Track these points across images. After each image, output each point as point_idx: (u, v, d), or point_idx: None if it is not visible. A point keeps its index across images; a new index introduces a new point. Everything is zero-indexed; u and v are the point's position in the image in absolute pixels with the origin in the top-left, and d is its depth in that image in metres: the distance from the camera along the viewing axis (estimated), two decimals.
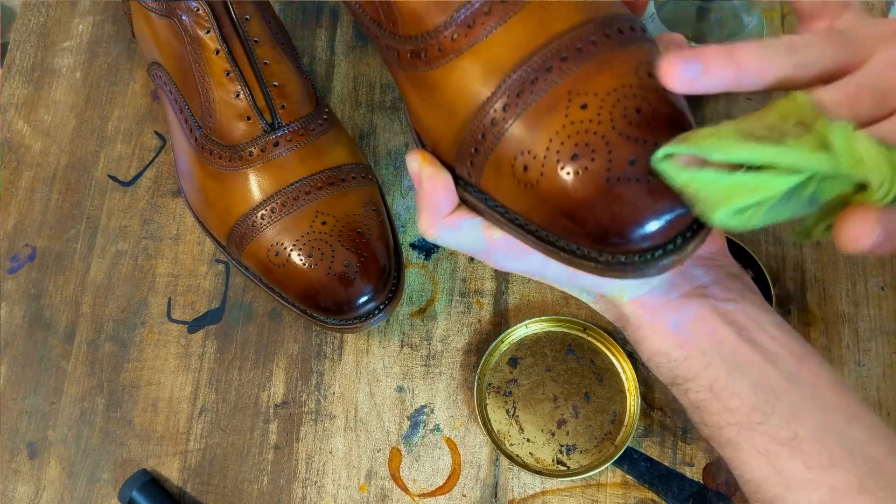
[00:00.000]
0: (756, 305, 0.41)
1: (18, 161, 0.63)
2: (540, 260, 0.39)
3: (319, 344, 0.57)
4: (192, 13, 0.52)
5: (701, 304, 0.40)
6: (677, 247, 0.34)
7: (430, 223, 0.39)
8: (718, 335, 0.39)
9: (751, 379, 0.38)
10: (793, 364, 0.39)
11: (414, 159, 0.39)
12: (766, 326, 0.40)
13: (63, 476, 0.54)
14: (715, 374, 0.39)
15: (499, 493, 0.53)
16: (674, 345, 0.40)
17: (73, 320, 0.58)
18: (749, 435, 0.38)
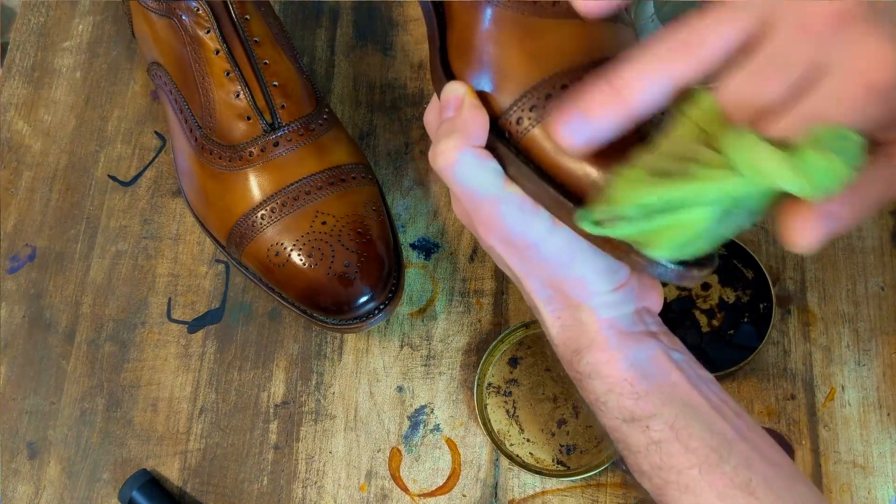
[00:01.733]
0: (695, 361, 0.41)
1: (18, 161, 0.63)
2: (544, 230, 0.38)
3: (319, 344, 0.57)
4: (192, 13, 0.52)
5: (656, 346, 0.40)
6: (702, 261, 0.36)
7: (457, 146, 0.37)
8: (672, 377, 0.39)
9: (706, 423, 0.38)
10: (734, 417, 0.39)
11: (459, 86, 0.39)
12: (709, 382, 0.40)
13: (63, 476, 0.54)
14: (675, 412, 0.38)
15: (499, 493, 0.53)
16: (638, 375, 0.39)
17: (73, 320, 0.58)
18: (710, 477, 0.37)
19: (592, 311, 0.40)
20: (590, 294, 0.40)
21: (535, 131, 0.37)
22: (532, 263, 0.40)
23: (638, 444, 0.39)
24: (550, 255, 0.39)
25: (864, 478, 0.51)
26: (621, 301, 0.40)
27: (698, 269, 0.36)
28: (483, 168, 0.38)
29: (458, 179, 0.38)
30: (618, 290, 0.40)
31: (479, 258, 0.58)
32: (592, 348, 0.40)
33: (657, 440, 0.38)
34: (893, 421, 0.53)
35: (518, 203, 0.38)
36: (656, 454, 0.38)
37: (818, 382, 0.54)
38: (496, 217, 0.39)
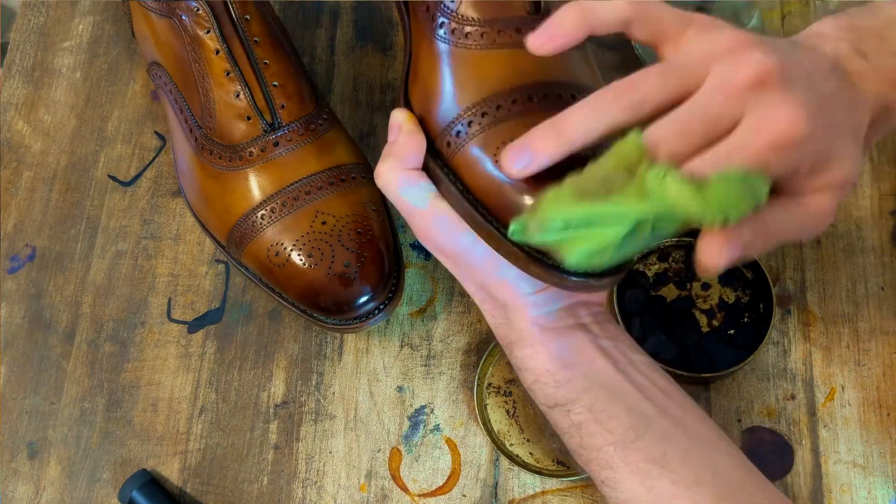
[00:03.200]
0: (629, 346, 0.44)
1: (18, 161, 0.63)
2: (470, 241, 0.43)
3: (319, 344, 0.57)
4: (192, 13, 0.52)
5: (583, 336, 0.44)
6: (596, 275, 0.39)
7: (391, 168, 0.43)
8: (597, 364, 0.43)
9: (626, 404, 0.41)
10: (661, 396, 0.42)
11: (401, 113, 0.44)
12: (638, 364, 0.43)
13: (63, 476, 0.54)
14: (595, 396, 0.42)
15: (499, 493, 0.53)
16: (559, 366, 0.43)
17: (73, 320, 0.58)
18: (625, 454, 0.40)
19: (520, 309, 0.44)
20: (516, 295, 0.43)
21: (460, 153, 0.42)
22: (464, 269, 0.45)
23: (563, 426, 0.43)
24: (477, 262, 0.44)
25: (864, 478, 0.51)
26: (546, 300, 0.44)
27: (596, 279, 0.39)
28: (413, 187, 0.43)
29: (392, 197, 0.44)
30: (539, 292, 0.43)
31: None
32: (520, 343, 0.44)
33: (577, 422, 0.42)
34: (893, 421, 0.53)
35: (444, 218, 0.43)
36: (577, 435, 0.42)
37: (818, 382, 0.54)
38: (428, 228, 0.44)
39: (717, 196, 0.34)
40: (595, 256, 0.36)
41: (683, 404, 0.43)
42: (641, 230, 0.36)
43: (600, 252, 0.36)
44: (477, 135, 0.41)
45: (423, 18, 0.45)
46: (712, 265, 0.36)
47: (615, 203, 0.35)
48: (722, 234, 0.35)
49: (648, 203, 0.35)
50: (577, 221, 0.36)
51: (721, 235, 0.35)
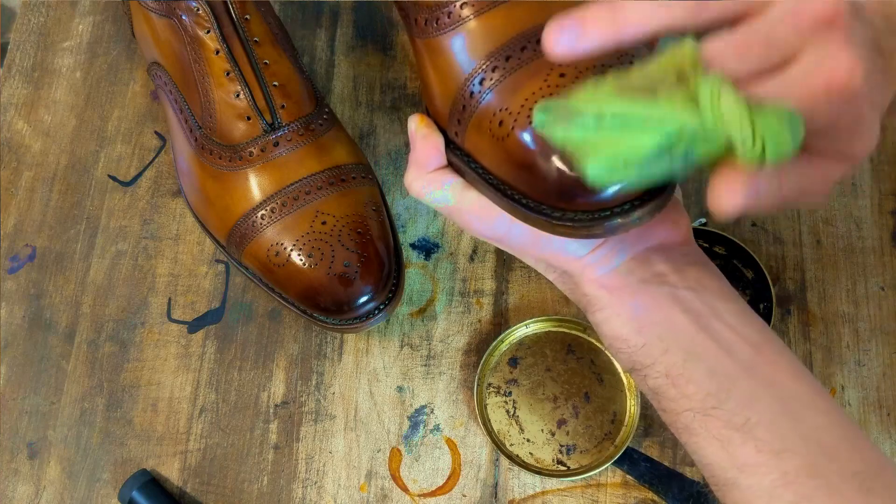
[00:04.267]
0: (714, 294, 0.41)
1: (18, 161, 0.63)
2: (506, 223, 0.42)
3: (319, 344, 0.57)
4: (192, 13, 0.52)
5: (659, 291, 0.41)
6: (623, 211, 0.37)
7: (416, 176, 0.43)
8: (675, 322, 0.40)
9: (707, 366, 0.39)
10: (749, 353, 0.39)
11: (413, 120, 0.44)
12: (724, 315, 0.40)
13: (63, 476, 0.54)
14: (672, 360, 0.39)
15: (499, 493, 0.53)
16: (633, 330, 0.41)
17: (73, 320, 0.58)
18: (704, 420, 0.38)
19: (581, 272, 0.42)
20: (573, 260, 0.42)
21: (466, 136, 0.42)
22: (515, 249, 0.44)
23: (643, 389, 0.42)
24: (522, 240, 0.43)
25: None
26: (608, 257, 0.41)
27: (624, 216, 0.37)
28: (435, 190, 0.43)
29: (425, 201, 0.44)
30: (595, 250, 0.42)
31: (479, 258, 0.58)
32: (590, 308, 0.42)
33: (654, 388, 0.40)
34: (893, 421, 0.53)
35: (477, 207, 0.42)
36: (656, 399, 0.41)
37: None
38: (465, 222, 0.44)
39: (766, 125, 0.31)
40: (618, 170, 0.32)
41: (776, 358, 0.40)
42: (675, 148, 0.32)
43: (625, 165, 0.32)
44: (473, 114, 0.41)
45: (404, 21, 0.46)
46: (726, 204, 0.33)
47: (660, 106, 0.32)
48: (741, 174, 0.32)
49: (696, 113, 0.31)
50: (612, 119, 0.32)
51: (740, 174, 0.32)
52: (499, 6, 0.41)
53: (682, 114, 0.31)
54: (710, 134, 0.32)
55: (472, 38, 0.41)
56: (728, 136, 0.31)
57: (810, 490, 0.36)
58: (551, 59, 0.34)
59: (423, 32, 0.43)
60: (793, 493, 0.36)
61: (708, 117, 0.31)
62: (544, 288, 0.57)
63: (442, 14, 0.42)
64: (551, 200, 0.38)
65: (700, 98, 0.31)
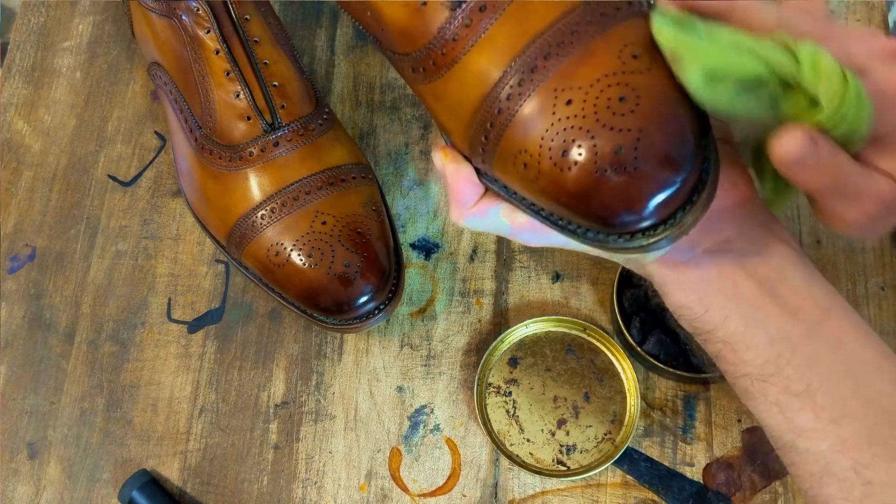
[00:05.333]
0: (782, 257, 0.41)
1: (18, 161, 0.63)
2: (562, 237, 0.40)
3: (319, 344, 0.57)
4: (192, 13, 0.52)
5: (723, 259, 0.40)
6: (677, 221, 0.36)
7: (458, 215, 0.42)
8: (739, 289, 0.40)
9: (768, 332, 0.39)
10: (817, 316, 0.39)
11: (437, 156, 0.41)
12: (790, 279, 0.40)
13: (63, 476, 0.54)
14: (733, 327, 0.40)
15: (499, 493, 0.53)
16: (695, 300, 0.40)
17: (73, 320, 0.58)
18: (762, 386, 0.39)
19: (640, 258, 0.42)
20: None
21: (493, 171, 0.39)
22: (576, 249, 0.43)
23: (709, 352, 0.42)
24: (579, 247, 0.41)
25: None
26: None
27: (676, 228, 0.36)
28: (486, 219, 0.41)
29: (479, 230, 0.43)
30: None
31: (479, 258, 0.58)
32: (654, 284, 0.43)
33: (714, 352, 0.41)
34: None
35: (530, 227, 0.41)
36: (717, 362, 0.41)
37: None
38: (526, 240, 0.42)
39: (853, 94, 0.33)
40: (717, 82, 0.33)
41: (843, 322, 0.39)
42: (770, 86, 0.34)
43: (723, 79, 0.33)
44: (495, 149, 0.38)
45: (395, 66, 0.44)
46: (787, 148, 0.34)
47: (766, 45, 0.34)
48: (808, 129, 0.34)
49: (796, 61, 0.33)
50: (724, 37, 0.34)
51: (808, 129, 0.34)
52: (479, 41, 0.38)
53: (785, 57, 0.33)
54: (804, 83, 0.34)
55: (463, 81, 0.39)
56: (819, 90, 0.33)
57: (868, 457, 0.36)
58: None
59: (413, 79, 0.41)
60: (850, 459, 0.36)
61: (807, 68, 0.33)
62: (544, 288, 0.57)
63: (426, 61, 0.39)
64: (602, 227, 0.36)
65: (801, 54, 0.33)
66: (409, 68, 0.40)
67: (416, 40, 0.39)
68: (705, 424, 0.53)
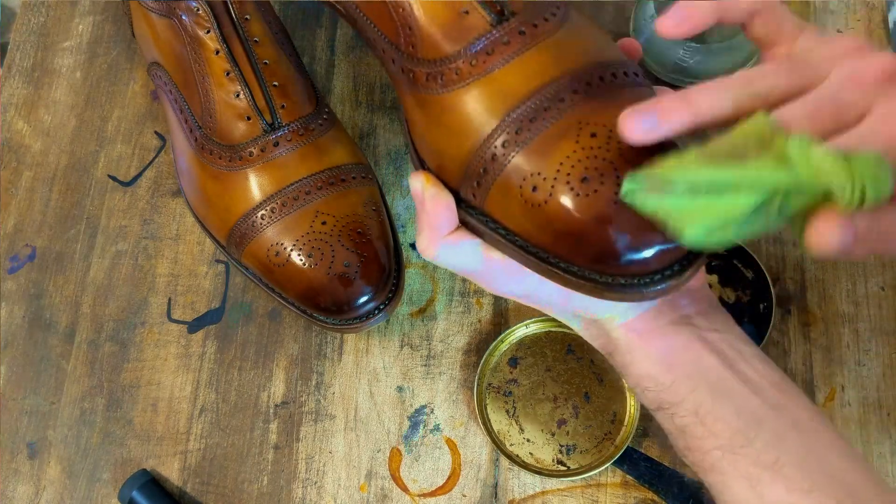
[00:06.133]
0: (738, 337, 0.42)
1: (18, 161, 0.63)
2: (535, 281, 0.40)
3: (319, 344, 0.57)
4: (192, 13, 0.52)
5: (687, 332, 0.41)
6: (675, 272, 0.36)
7: (431, 241, 0.41)
8: (704, 362, 0.41)
9: (735, 405, 0.39)
10: (774, 394, 0.40)
11: (417, 180, 0.41)
12: (748, 357, 0.41)
13: (63, 476, 0.54)
14: (700, 398, 0.40)
15: (499, 493, 0.53)
16: (661, 369, 0.41)
17: (73, 320, 0.58)
18: (732, 458, 0.38)
19: (610, 319, 0.42)
20: (604, 310, 0.42)
21: (487, 200, 0.39)
22: (540, 304, 0.43)
23: (668, 428, 0.42)
24: (549, 297, 0.42)
25: None
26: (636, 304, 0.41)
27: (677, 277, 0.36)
28: (460, 251, 0.41)
29: (445, 265, 0.42)
30: None
31: None
32: (618, 352, 0.42)
33: (681, 426, 0.40)
34: (893, 421, 0.53)
35: (502, 267, 0.41)
36: (682, 438, 0.41)
37: (818, 382, 0.54)
38: (490, 282, 0.42)
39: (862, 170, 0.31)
40: (716, 231, 0.32)
41: (798, 400, 0.40)
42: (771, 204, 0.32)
43: (723, 226, 0.32)
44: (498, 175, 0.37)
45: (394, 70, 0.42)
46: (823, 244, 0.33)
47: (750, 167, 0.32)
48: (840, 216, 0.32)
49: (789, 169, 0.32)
50: (705, 185, 0.32)
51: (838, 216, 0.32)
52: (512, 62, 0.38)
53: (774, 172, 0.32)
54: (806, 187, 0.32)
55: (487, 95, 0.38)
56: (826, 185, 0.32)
57: None
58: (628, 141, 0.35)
59: (425, 88, 0.40)
60: None
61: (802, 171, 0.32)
62: None
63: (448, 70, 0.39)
64: (599, 266, 0.36)
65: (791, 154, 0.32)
66: (425, 76, 0.40)
67: (445, 46, 0.39)
68: None
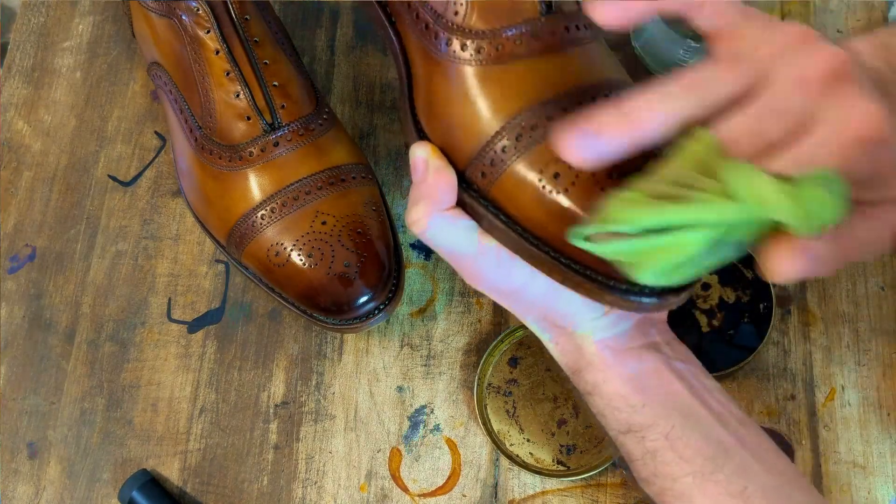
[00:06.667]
0: (701, 370, 0.42)
1: (18, 161, 0.63)
2: (525, 276, 0.40)
3: (319, 344, 0.57)
4: (192, 13, 0.52)
5: (657, 358, 0.41)
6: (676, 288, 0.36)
7: (426, 213, 0.39)
8: (673, 388, 0.40)
9: (703, 432, 0.39)
10: (738, 427, 0.40)
11: (422, 149, 0.40)
12: (712, 390, 0.41)
13: (63, 476, 0.54)
14: (671, 423, 0.39)
15: (499, 493, 0.53)
16: (633, 390, 0.40)
17: (73, 320, 0.58)
18: (703, 485, 0.38)
19: (586, 335, 0.41)
20: (580, 322, 0.41)
21: (498, 183, 0.38)
22: (520, 304, 0.42)
23: (635, 453, 0.41)
24: (535, 296, 0.41)
25: (864, 478, 0.51)
26: (614, 322, 0.41)
27: (675, 294, 0.37)
28: (454, 229, 0.39)
29: (434, 243, 0.40)
30: (608, 313, 0.41)
31: None
32: (590, 368, 0.42)
33: (652, 450, 0.40)
34: (893, 421, 0.53)
35: (494, 256, 0.40)
36: (652, 463, 0.40)
37: (818, 382, 0.54)
38: (477, 270, 0.41)
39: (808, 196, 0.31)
40: (674, 271, 0.33)
41: (760, 437, 0.41)
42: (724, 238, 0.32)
43: (680, 265, 0.32)
44: (516, 159, 0.37)
45: (418, 34, 0.41)
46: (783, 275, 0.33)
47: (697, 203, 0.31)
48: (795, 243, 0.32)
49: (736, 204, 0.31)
50: (654, 225, 0.32)
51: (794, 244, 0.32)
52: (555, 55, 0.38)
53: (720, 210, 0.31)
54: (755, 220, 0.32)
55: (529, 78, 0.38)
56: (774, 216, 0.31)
57: None
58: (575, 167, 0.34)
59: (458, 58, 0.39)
60: None
61: (747, 207, 0.31)
62: None
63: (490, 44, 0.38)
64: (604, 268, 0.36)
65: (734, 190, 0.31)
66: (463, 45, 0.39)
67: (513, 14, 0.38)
68: None
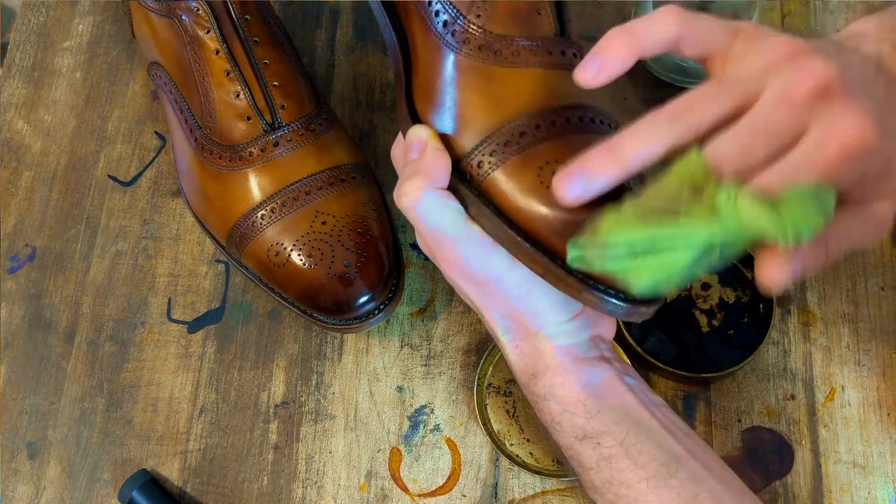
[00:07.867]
0: (648, 388, 0.44)
1: (18, 161, 0.63)
2: (504, 268, 0.41)
3: (319, 344, 0.57)
4: (192, 13, 0.52)
5: (610, 370, 0.43)
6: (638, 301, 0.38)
7: (420, 188, 0.40)
8: (625, 399, 0.42)
9: (655, 441, 0.40)
10: (686, 440, 0.41)
11: (423, 130, 0.41)
12: (659, 406, 0.43)
13: (63, 476, 0.54)
14: (625, 430, 0.40)
15: (499, 493, 0.53)
16: (590, 396, 0.41)
17: (73, 320, 0.58)
18: (658, 491, 0.39)
19: (549, 338, 0.42)
20: (546, 324, 0.42)
21: (494, 175, 0.40)
22: (492, 297, 0.43)
23: (590, 460, 0.41)
24: (509, 289, 0.41)
25: (864, 478, 0.51)
26: (577, 329, 0.42)
27: (646, 305, 0.38)
28: (445, 208, 0.40)
29: (421, 219, 0.40)
30: (574, 319, 0.42)
31: None
32: (548, 372, 0.42)
33: (607, 456, 0.40)
34: (893, 421, 0.53)
35: (478, 241, 0.40)
36: (607, 469, 0.40)
37: (818, 382, 0.54)
38: (458, 254, 0.41)
39: (790, 213, 0.32)
40: (662, 283, 0.34)
41: (707, 450, 0.42)
42: (711, 253, 0.34)
43: (666, 280, 0.34)
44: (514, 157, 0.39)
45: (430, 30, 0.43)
46: (774, 285, 0.34)
47: (684, 225, 0.33)
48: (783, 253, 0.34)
49: (720, 224, 0.33)
50: (643, 246, 0.34)
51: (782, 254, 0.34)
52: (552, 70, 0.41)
53: (706, 227, 0.33)
54: (740, 238, 0.33)
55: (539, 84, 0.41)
56: (757, 234, 0.33)
57: None
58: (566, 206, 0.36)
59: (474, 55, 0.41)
60: None
61: (733, 224, 0.33)
62: None
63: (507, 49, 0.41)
64: None
65: (719, 210, 0.33)
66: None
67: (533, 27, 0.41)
68: (705, 424, 0.53)
